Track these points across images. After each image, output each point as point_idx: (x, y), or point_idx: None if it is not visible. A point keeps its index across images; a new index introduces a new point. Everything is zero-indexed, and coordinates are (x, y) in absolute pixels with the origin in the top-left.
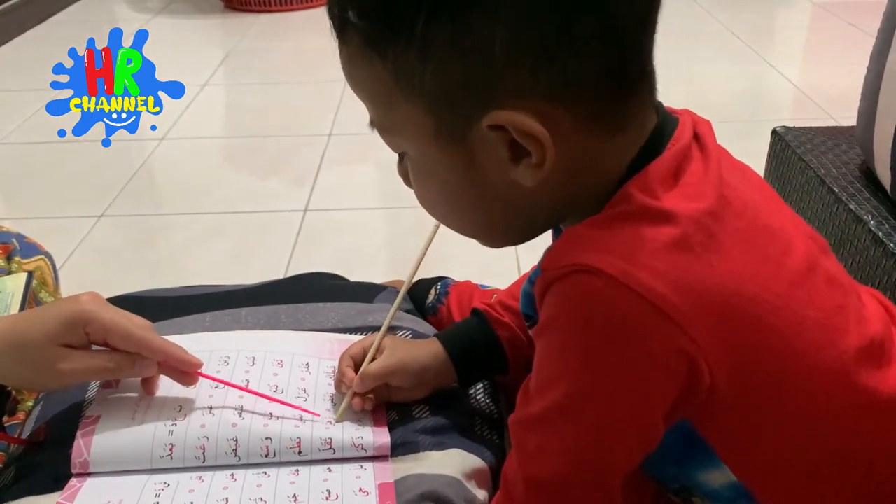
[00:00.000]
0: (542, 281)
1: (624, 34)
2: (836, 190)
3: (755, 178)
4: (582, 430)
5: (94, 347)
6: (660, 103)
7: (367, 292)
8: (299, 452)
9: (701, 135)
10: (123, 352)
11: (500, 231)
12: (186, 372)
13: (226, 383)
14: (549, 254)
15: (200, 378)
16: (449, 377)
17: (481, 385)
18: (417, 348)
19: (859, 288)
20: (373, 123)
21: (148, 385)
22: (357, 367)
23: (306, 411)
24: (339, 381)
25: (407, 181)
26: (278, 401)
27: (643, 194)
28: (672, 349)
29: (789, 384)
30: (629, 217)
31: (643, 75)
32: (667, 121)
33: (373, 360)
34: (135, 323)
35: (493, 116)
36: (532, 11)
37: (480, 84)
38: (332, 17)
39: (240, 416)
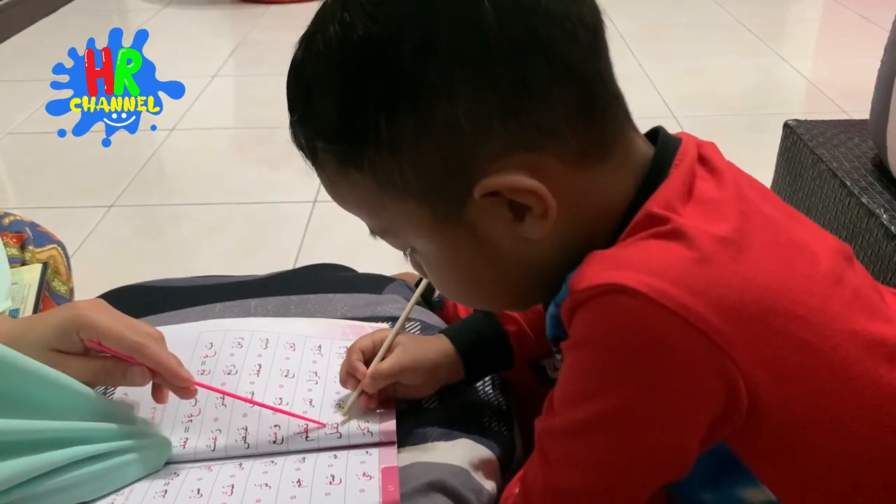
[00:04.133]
0: (571, 302)
1: (578, 68)
2: (848, 183)
3: (770, 193)
4: (609, 447)
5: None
6: (661, 127)
7: (375, 283)
8: (307, 438)
9: (707, 156)
10: (116, 359)
11: (525, 293)
12: (181, 386)
13: (226, 393)
14: (575, 275)
15: (211, 373)
16: (457, 373)
17: (489, 377)
18: (428, 345)
19: (879, 287)
20: (373, 231)
21: (157, 395)
22: (367, 362)
23: (311, 420)
24: (348, 376)
25: (422, 272)
26: (283, 411)
27: (666, 213)
28: (710, 370)
29: (829, 401)
30: (656, 236)
31: (613, 99)
32: (668, 141)
33: (383, 358)
34: (135, 329)
35: (482, 186)
36: (483, 78)
37: (459, 161)
38: (300, 147)
39: (249, 404)
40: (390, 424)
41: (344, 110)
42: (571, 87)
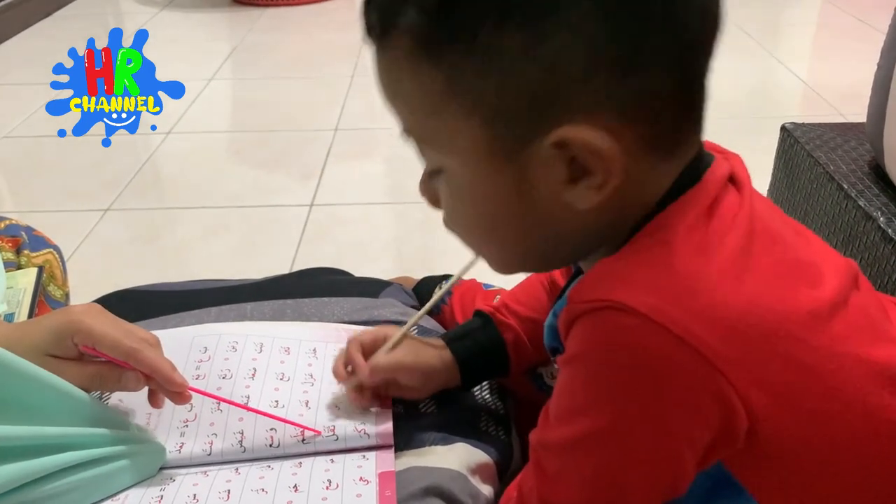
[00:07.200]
0: (568, 314)
1: (694, 55)
2: (845, 187)
3: (778, 210)
4: (603, 464)
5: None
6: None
7: (372, 287)
8: (303, 441)
9: (735, 171)
10: (111, 364)
11: (530, 258)
12: (176, 391)
13: (221, 399)
14: (577, 286)
15: (206, 377)
16: (453, 379)
17: (487, 381)
18: (427, 349)
19: (886, 305)
20: (408, 132)
21: (153, 399)
22: (365, 357)
23: (307, 428)
24: (342, 368)
25: (432, 200)
26: (279, 418)
27: (679, 226)
28: (707, 391)
29: (828, 425)
30: (661, 250)
31: (701, 101)
32: (703, 153)
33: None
34: (130, 334)
35: (562, 132)
36: (612, 21)
37: (549, 97)
38: (375, 18)
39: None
40: (387, 427)
41: None
42: (681, 71)
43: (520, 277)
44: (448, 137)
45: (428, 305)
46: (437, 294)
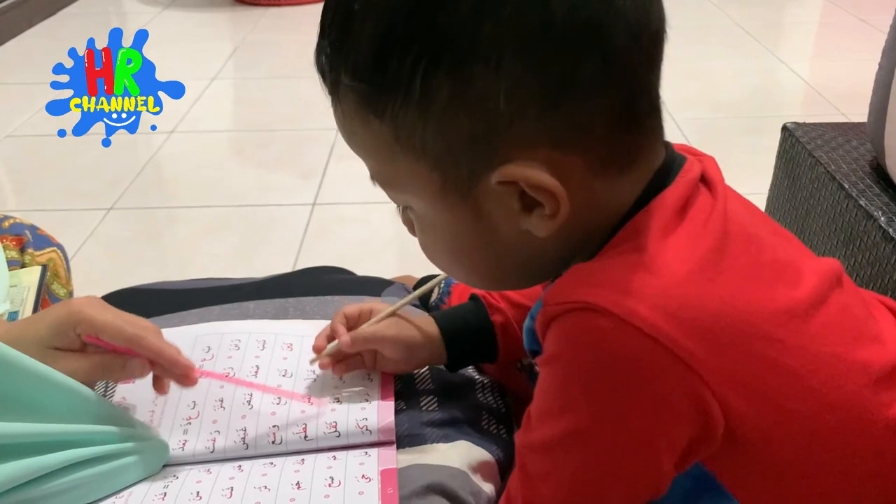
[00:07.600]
0: (543, 317)
1: (631, 74)
2: (846, 186)
3: (759, 213)
4: (582, 465)
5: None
6: (667, 142)
7: (374, 286)
8: (305, 437)
9: (707, 172)
10: (114, 353)
11: (508, 279)
12: (182, 373)
13: (228, 379)
14: (551, 289)
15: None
16: (439, 357)
17: (488, 379)
18: (411, 326)
19: (871, 304)
20: (374, 177)
21: (158, 385)
22: (349, 329)
23: (310, 402)
24: (322, 340)
25: (411, 229)
26: (283, 392)
27: (650, 229)
28: (682, 392)
29: (807, 424)
30: (634, 252)
31: (652, 111)
32: (674, 156)
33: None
34: (132, 322)
35: (502, 172)
36: (535, 59)
37: (486, 138)
38: (322, 73)
39: (248, 405)
40: (389, 422)
41: (382, 52)
42: (618, 91)
43: None
44: (406, 180)
45: (424, 288)
46: (434, 280)
